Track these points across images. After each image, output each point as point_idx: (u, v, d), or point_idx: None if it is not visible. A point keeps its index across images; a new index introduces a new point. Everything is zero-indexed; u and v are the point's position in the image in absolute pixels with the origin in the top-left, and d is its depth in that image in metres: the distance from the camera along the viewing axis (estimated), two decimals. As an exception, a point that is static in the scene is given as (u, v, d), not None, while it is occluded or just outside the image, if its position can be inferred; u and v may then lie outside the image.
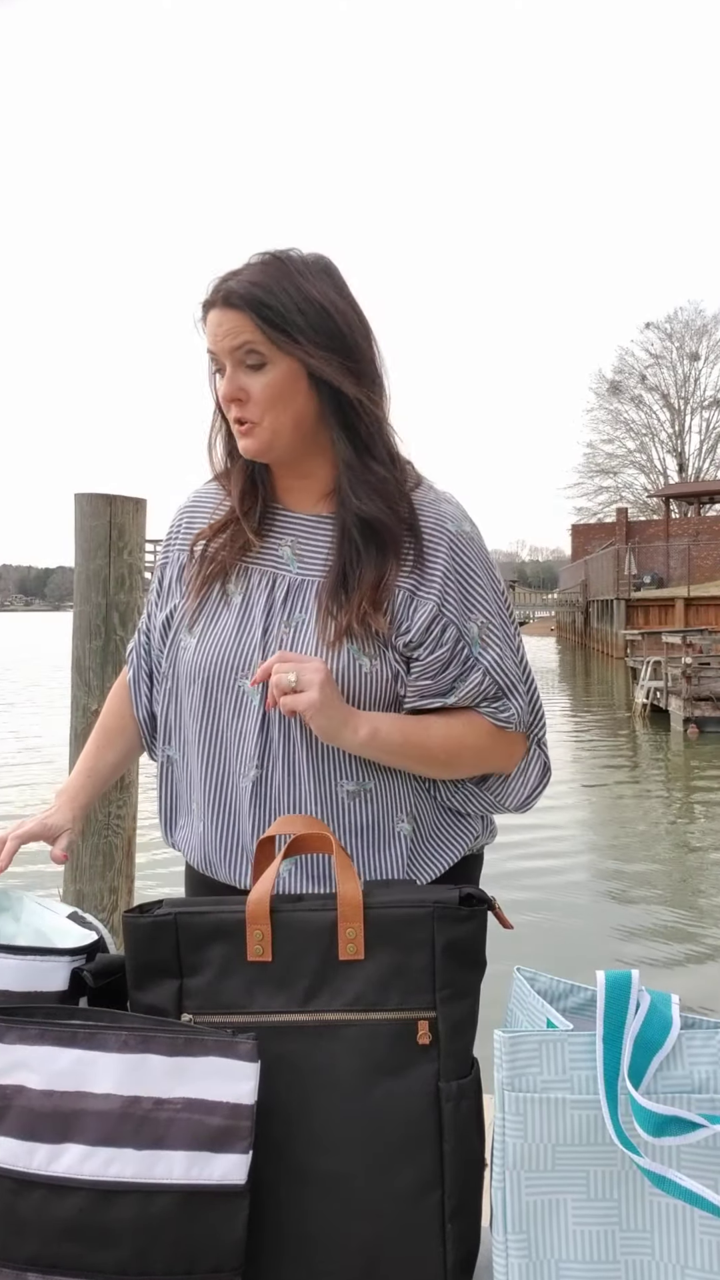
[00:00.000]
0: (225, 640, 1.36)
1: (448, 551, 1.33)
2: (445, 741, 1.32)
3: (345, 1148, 1.04)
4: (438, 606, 1.32)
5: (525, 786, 1.41)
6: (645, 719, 17.79)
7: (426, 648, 1.31)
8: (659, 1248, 0.96)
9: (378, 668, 1.31)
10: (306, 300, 1.30)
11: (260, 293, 1.28)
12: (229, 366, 1.31)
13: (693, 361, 46.46)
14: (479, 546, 1.37)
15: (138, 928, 1.08)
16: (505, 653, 1.35)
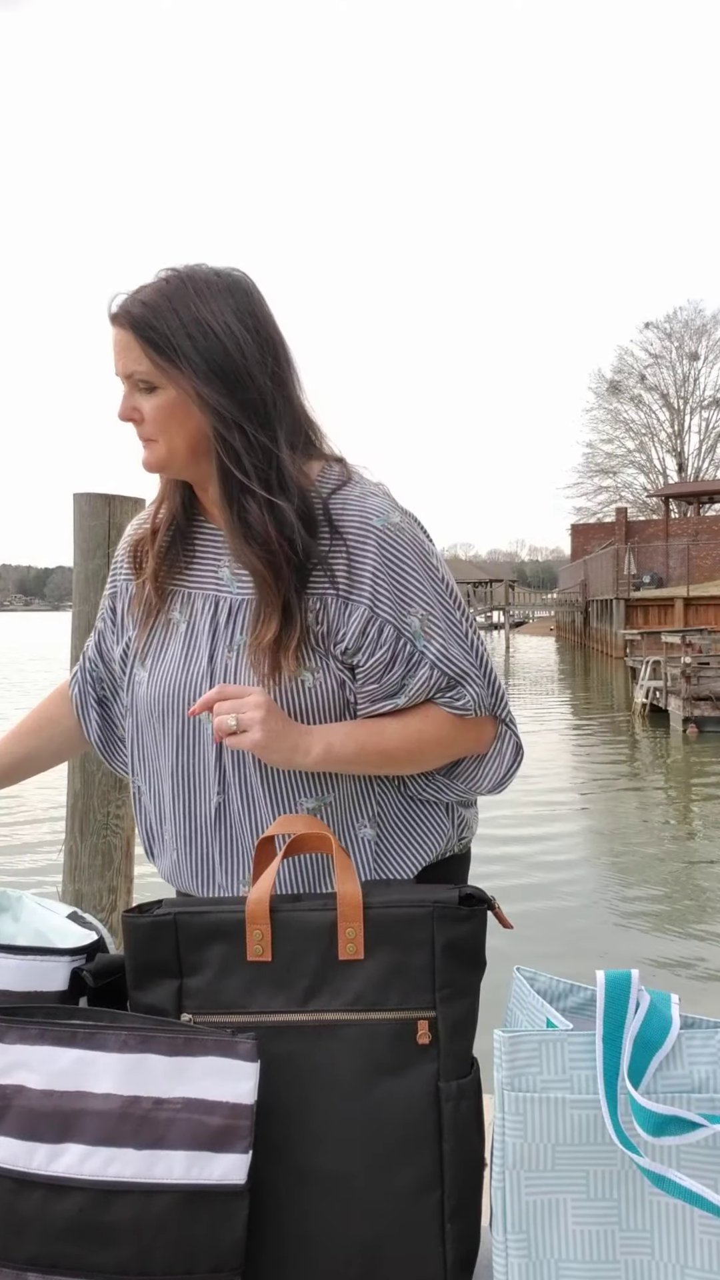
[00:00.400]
0: (174, 671, 1.36)
1: (376, 548, 1.29)
2: (404, 741, 1.31)
3: (345, 1147, 1.04)
4: (369, 609, 1.28)
5: (500, 769, 1.39)
6: (645, 718, 17.79)
7: (365, 652, 1.29)
8: (659, 1247, 0.96)
9: (321, 680, 1.30)
10: (197, 324, 1.25)
11: (149, 315, 1.25)
12: (125, 387, 1.30)
13: (692, 361, 46.48)
14: (411, 536, 1.33)
15: (137, 928, 1.08)
16: (450, 641, 1.32)
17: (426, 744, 1.32)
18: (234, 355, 1.26)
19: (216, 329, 1.26)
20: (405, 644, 1.30)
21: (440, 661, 1.31)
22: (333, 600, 1.29)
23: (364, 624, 1.29)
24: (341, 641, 1.29)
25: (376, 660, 1.29)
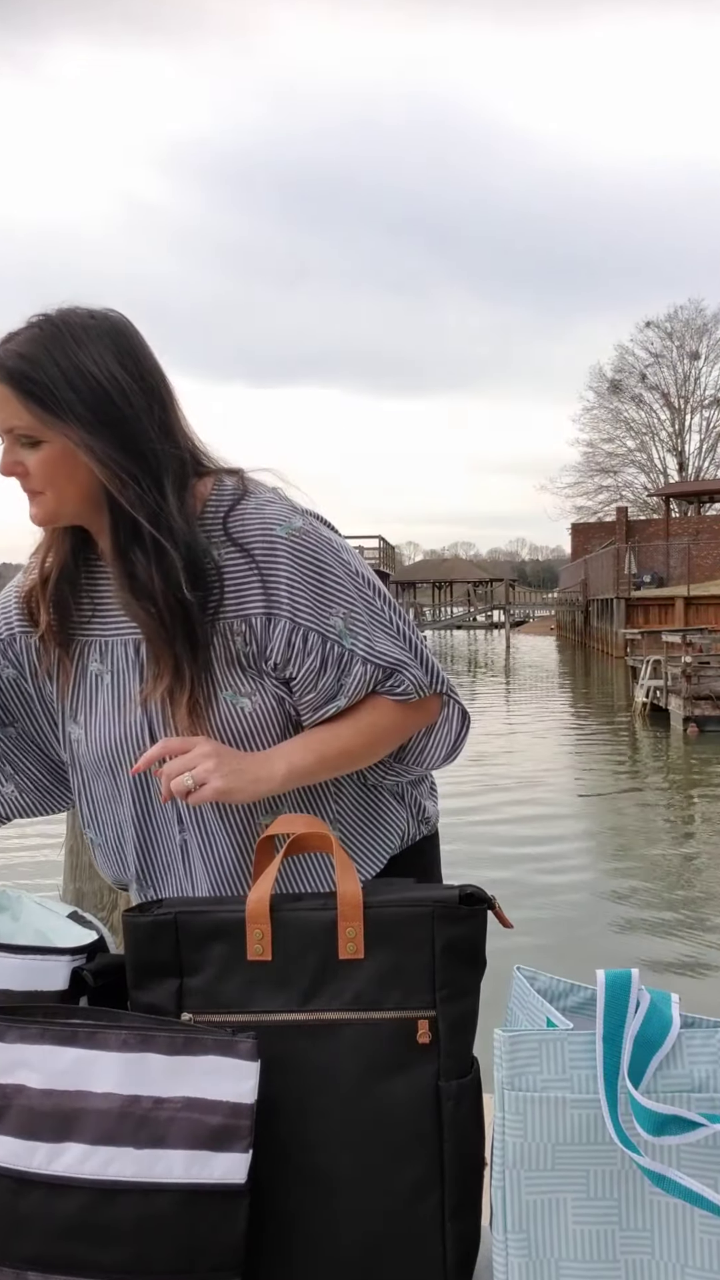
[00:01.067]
0: (110, 725, 1.33)
1: (286, 558, 1.27)
2: (358, 735, 1.30)
3: (345, 1147, 1.04)
4: (290, 619, 1.26)
5: (449, 738, 1.38)
6: (645, 718, 17.79)
7: (294, 663, 1.27)
8: (659, 1247, 0.96)
9: (259, 701, 1.29)
10: (79, 373, 1.20)
11: (27, 367, 1.20)
12: (6, 441, 1.25)
13: (693, 360, 46.44)
14: (318, 537, 1.30)
15: (138, 927, 1.08)
16: (375, 634, 1.29)
17: (380, 734, 1.31)
18: (119, 404, 1.22)
19: (100, 377, 1.21)
20: (332, 646, 1.27)
21: (370, 656, 1.29)
22: (256, 619, 1.26)
23: (288, 635, 1.26)
24: (270, 657, 1.28)
25: (307, 669, 1.27)
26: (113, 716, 1.33)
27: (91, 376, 1.21)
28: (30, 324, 1.24)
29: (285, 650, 1.26)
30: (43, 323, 1.23)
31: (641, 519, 40.74)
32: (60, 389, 1.20)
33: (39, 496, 1.26)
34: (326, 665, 1.28)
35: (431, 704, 1.36)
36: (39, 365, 1.20)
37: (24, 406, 1.20)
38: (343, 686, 1.29)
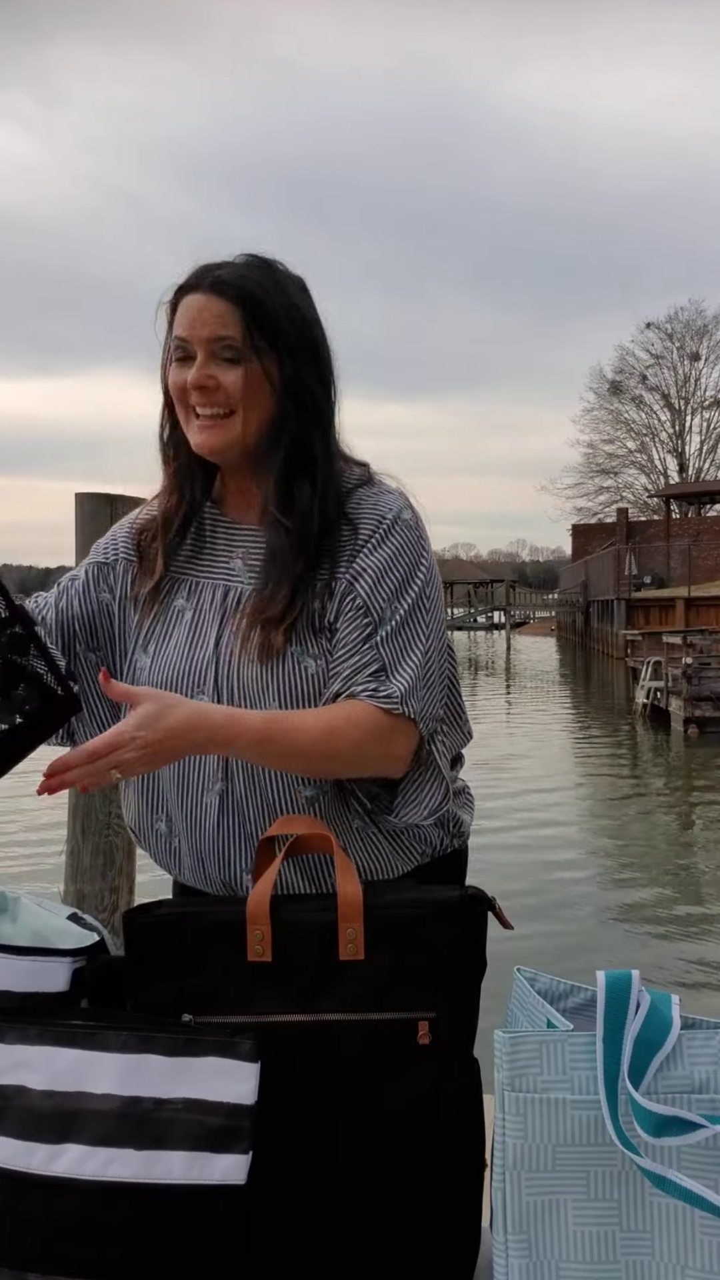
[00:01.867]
0: (178, 658, 1.34)
1: (380, 537, 1.32)
2: (318, 724, 1.25)
3: (345, 1148, 1.04)
4: (351, 583, 1.30)
5: (422, 806, 1.31)
6: (646, 719, 17.78)
7: (344, 622, 1.29)
8: (659, 1248, 0.96)
9: (321, 667, 1.30)
10: (294, 308, 1.29)
11: (254, 289, 1.28)
12: (201, 355, 1.28)
13: (693, 361, 46.45)
14: (415, 536, 1.35)
15: (138, 928, 1.08)
16: (406, 632, 1.30)
17: (339, 736, 1.26)
18: (319, 348, 1.33)
19: (308, 320, 1.32)
20: (368, 625, 1.30)
21: (383, 643, 1.29)
22: (338, 583, 1.31)
23: (342, 598, 1.30)
24: (329, 615, 1.30)
25: (346, 633, 1.29)
26: (184, 651, 1.35)
27: (301, 318, 1.31)
28: (246, 258, 1.31)
29: (336, 609, 1.30)
30: (259, 260, 1.32)
31: (642, 520, 40.74)
32: (280, 319, 1.29)
33: (226, 421, 1.30)
34: (352, 639, 1.30)
35: (398, 743, 1.29)
36: (265, 292, 1.28)
37: (243, 324, 1.27)
38: (346, 664, 1.29)
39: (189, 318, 1.29)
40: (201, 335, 1.28)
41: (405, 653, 1.30)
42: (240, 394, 1.28)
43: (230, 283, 1.27)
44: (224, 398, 1.29)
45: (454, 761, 1.44)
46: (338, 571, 1.31)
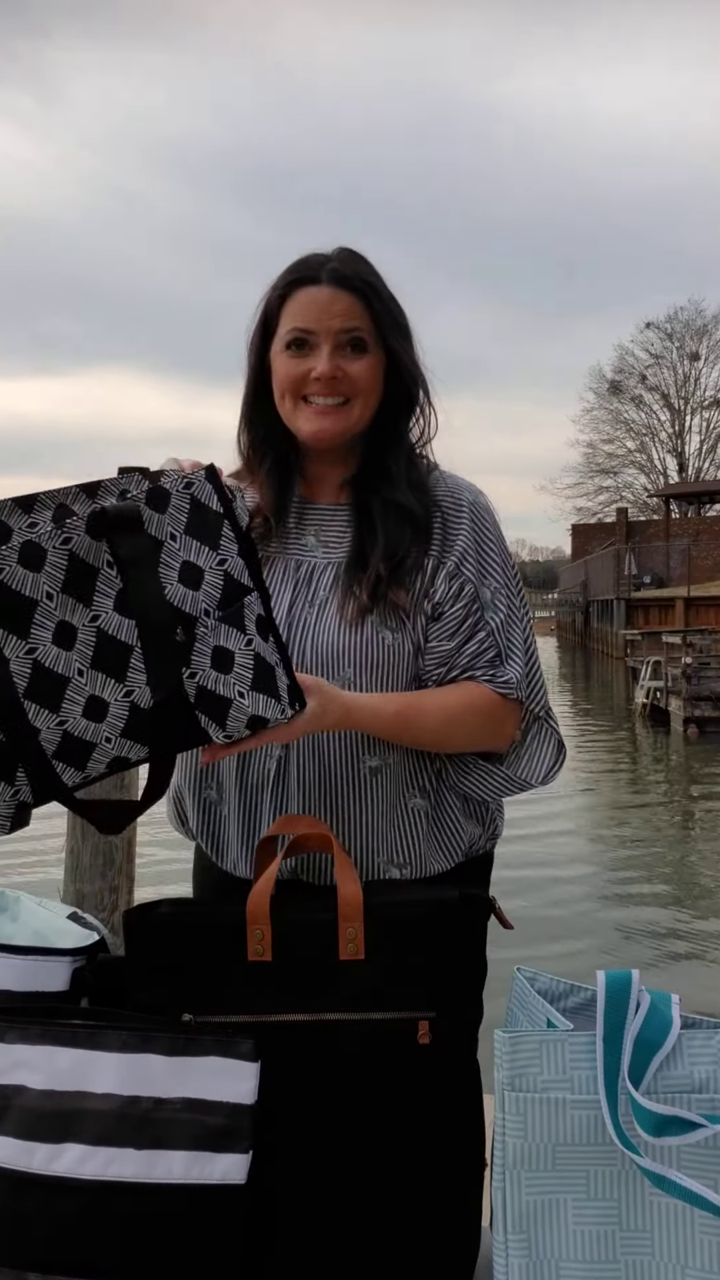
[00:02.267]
0: None
1: (469, 520, 1.38)
2: (442, 712, 1.31)
3: (345, 1148, 1.04)
4: (457, 565, 1.35)
5: (543, 763, 1.39)
6: (645, 719, 17.78)
7: (448, 602, 1.34)
8: (659, 1247, 0.96)
9: (400, 640, 1.33)
10: (395, 300, 1.37)
11: (375, 281, 1.35)
12: (327, 347, 1.32)
13: (693, 361, 46.42)
14: (495, 520, 1.43)
15: (138, 928, 1.08)
16: (512, 620, 1.37)
17: (459, 717, 1.32)
18: (413, 335, 1.39)
19: (405, 315, 1.38)
20: (477, 609, 1.35)
21: (498, 631, 1.35)
22: (428, 561, 1.36)
23: (450, 577, 1.35)
24: (433, 597, 1.34)
25: (454, 614, 1.34)
26: None
27: (400, 308, 1.38)
28: (348, 251, 1.38)
29: (445, 591, 1.35)
30: (358, 254, 1.38)
31: (641, 520, 40.71)
32: (393, 309, 1.37)
33: (345, 409, 1.35)
34: (467, 622, 1.35)
35: (509, 723, 1.37)
36: (381, 286, 1.36)
37: (368, 317, 1.34)
38: (463, 652, 1.34)
39: (314, 310, 1.33)
40: (330, 327, 1.32)
41: (515, 638, 1.37)
42: (364, 381, 1.34)
43: (351, 275, 1.33)
44: (348, 387, 1.34)
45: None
46: (429, 550, 1.36)
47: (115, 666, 1.04)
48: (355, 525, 1.38)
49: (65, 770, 1.05)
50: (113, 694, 1.04)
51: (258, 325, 1.39)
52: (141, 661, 1.05)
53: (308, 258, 1.36)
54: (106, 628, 1.04)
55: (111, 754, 1.06)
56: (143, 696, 1.05)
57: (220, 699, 1.07)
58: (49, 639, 1.02)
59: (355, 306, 1.33)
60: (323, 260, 1.35)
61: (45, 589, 1.02)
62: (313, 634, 1.34)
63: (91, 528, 1.03)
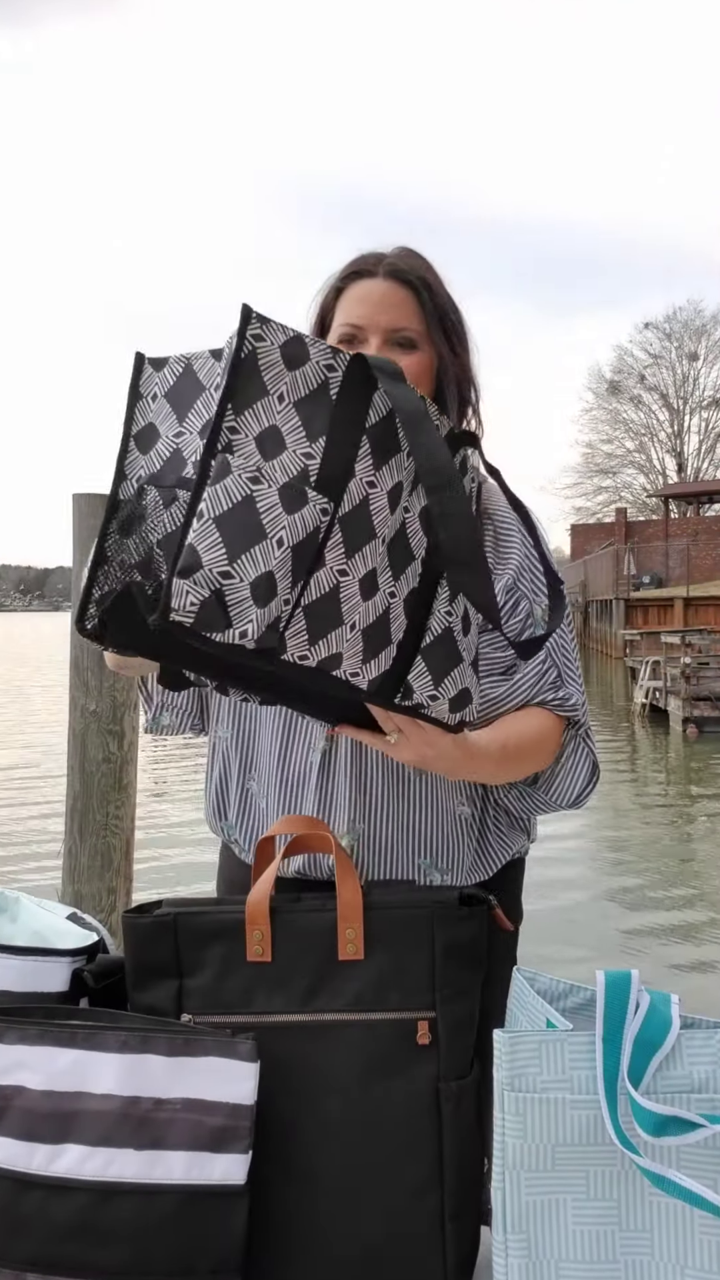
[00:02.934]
0: None
1: (520, 533, 1.36)
2: (534, 736, 1.28)
3: (345, 1148, 1.04)
4: (514, 579, 1.33)
5: (576, 783, 1.37)
6: (644, 719, 17.79)
7: (504, 615, 1.32)
8: (659, 1248, 0.96)
9: None
10: (452, 301, 1.35)
11: (431, 279, 1.33)
12: (375, 342, 1.30)
13: (691, 361, 46.44)
14: (542, 535, 1.39)
15: (137, 928, 1.08)
16: (565, 638, 1.35)
17: (536, 743, 1.29)
18: (468, 337, 1.38)
19: (461, 315, 1.36)
20: (530, 625, 1.33)
21: (556, 651, 1.33)
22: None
23: (505, 591, 1.33)
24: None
25: (509, 628, 1.31)
26: None
27: (456, 307, 1.36)
28: (408, 251, 1.35)
29: (500, 604, 1.32)
30: (416, 253, 1.36)
31: (640, 520, 40.73)
32: (449, 309, 1.34)
33: None
34: (519, 637, 1.32)
35: (556, 740, 1.33)
36: (438, 286, 1.34)
37: (420, 314, 1.31)
38: (516, 666, 1.31)
39: (367, 304, 1.31)
40: (380, 322, 1.30)
41: (570, 656, 1.35)
42: (414, 379, 1.30)
43: (406, 270, 1.31)
44: None
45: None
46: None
47: (401, 561, 0.95)
48: None
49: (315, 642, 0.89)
50: (385, 584, 0.94)
51: (314, 321, 1.38)
52: (417, 578, 0.96)
53: (366, 254, 1.35)
54: (410, 524, 0.95)
55: (335, 649, 0.90)
56: (397, 609, 0.95)
57: (454, 653, 0.99)
58: (388, 487, 0.92)
59: (408, 302, 1.30)
60: (380, 256, 1.34)
61: (407, 445, 0.93)
62: None
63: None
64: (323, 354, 0.88)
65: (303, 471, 0.86)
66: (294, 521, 0.85)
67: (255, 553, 0.83)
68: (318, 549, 0.87)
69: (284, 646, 0.86)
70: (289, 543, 0.85)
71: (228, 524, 0.82)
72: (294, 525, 0.85)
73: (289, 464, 0.86)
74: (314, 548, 0.86)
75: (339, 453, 0.88)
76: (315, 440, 0.87)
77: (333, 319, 1.35)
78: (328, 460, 0.87)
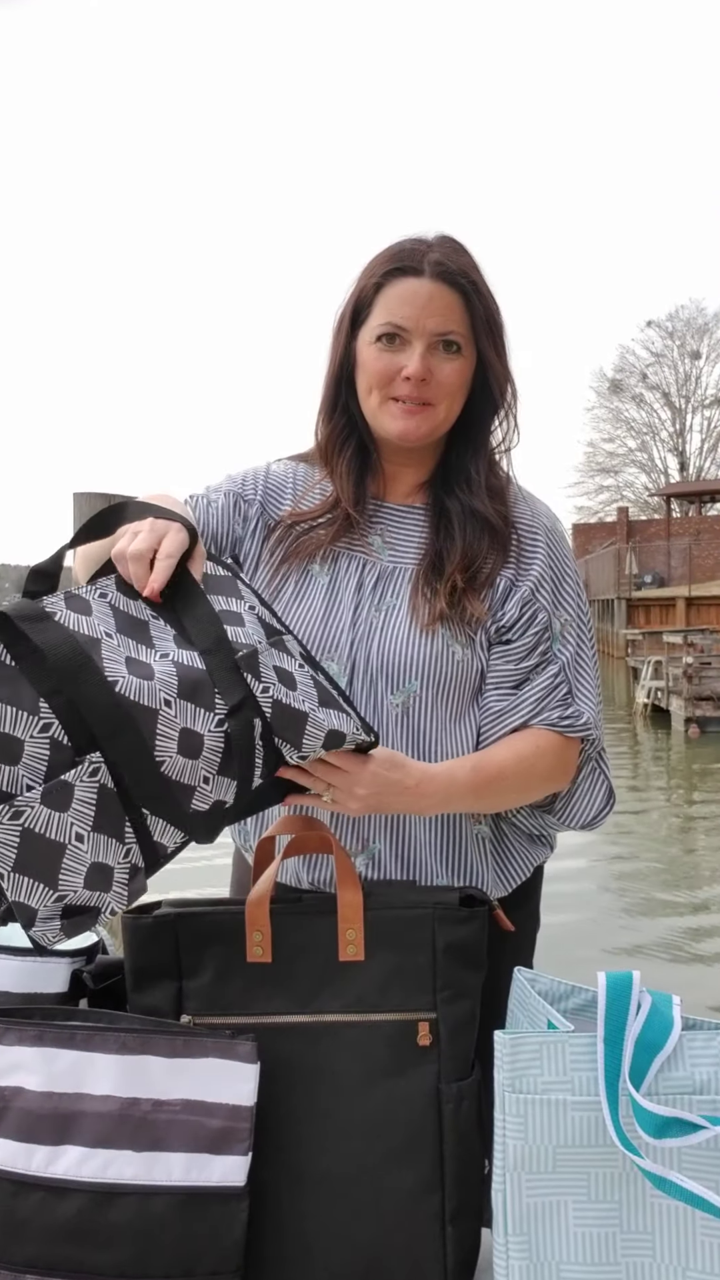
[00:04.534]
0: (312, 619, 1.32)
1: (545, 546, 1.35)
2: (518, 764, 1.26)
3: (345, 1149, 1.04)
4: (533, 591, 1.31)
5: (591, 807, 1.36)
6: (646, 719, 17.78)
7: (518, 629, 1.30)
8: (660, 1249, 0.96)
9: (467, 657, 1.29)
10: (493, 297, 1.31)
11: (477, 279, 1.29)
12: (420, 345, 1.26)
13: (694, 360, 46.39)
14: (569, 548, 1.39)
15: (137, 929, 1.07)
16: (581, 654, 1.33)
17: (533, 769, 1.28)
18: (506, 338, 1.34)
19: (501, 313, 1.33)
20: (547, 639, 1.32)
21: (570, 665, 1.32)
22: (500, 580, 1.32)
23: (523, 603, 1.31)
24: (500, 620, 1.30)
25: (524, 642, 1.30)
26: (320, 616, 1.32)
27: (497, 305, 1.32)
28: (450, 240, 1.31)
29: (516, 616, 1.31)
30: (464, 248, 1.31)
31: (642, 519, 40.69)
32: (494, 311, 1.31)
33: (428, 410, 1.29)
34: (535, 649, 1.31)
35: (572, 764, 1.33)
36: (486, 291, 1.30)
37: (468, 318, 1.28)
38: (530, 680, 1.30)
39: (413, 305, 1.26)
40: (427, 326, 1.26)
41: (584, 674, 1.33)
42: (453, 386, 1.29)
43: (455, 272, 1.26)
44: (434, 389, 1.28)
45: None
46: (504, 570, 1.32)
47: (202, 695, 0.99)
48: (432, 529, 1.34)
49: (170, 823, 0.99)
50: (204, 724, 0.98)
51: (347, 310, 1.33)
52: (218, 691, 1.00)
53: (409, 245, 1.29)
54: (179, 660, 0.99)
55: (211, 797, 0.99)
56: (216, 742, 0.99)
57: (296, 713, 1.03)
58: (123, 671, 0.95)
59: (455, 306, 1.27)
60: (425, 249, 1.28)
61: (102, 629, 0.97)
62: (380, 639, 1.29)
63: (124, 588, 1.03)
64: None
65: (49, 749, 0.93)
66: (78, 809, 0.93)
67: (68, 863, 0.92)
68: (122, 793, 0.95)
69: (160, 855, 1.00)
70: (89, 827, 0.93)
71: (27, 865, 0.90)
72: (81, 810, 0.93)
73: (32, 755, 0.92)
74: (115, 799, 0.95)
75: (60, 700, 0.94)
76: (35, 713, 0.92)
77: (370, 313, 1.29)
78: (61, 713, 0.94)
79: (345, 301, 1.33)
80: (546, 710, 1.29)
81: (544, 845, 1.41)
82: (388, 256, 1.29)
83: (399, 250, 1.29)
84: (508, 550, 1.32)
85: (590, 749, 1.34)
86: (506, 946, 1.21)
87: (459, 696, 1.30)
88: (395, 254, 1.28)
